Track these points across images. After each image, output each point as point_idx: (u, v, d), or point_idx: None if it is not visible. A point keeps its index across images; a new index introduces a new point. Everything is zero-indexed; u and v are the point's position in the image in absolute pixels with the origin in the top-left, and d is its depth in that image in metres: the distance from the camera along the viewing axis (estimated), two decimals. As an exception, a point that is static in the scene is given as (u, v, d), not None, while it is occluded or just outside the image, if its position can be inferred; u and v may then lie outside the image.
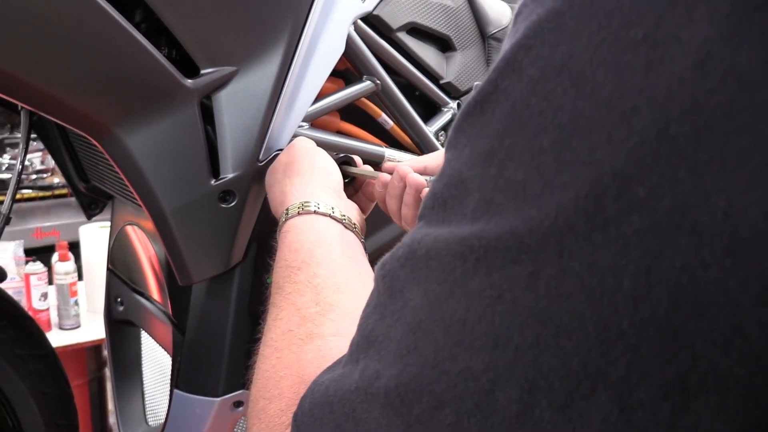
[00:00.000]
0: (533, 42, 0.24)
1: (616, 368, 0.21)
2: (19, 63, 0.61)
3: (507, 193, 0.24)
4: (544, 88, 0.23)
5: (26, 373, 0.93)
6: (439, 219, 0.27)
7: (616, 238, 0.21)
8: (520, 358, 0.23)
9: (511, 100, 0.24)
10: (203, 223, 0.74)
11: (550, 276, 0.22)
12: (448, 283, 0.25)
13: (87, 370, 1.91)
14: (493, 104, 0.25)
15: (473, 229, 0.25)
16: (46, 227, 2.83)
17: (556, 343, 0.22)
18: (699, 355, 0.20)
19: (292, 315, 0.50)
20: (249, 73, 0.73)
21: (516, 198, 0.24)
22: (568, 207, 0.22)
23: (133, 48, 0.65)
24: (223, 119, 0.72)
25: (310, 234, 0.59)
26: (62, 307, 1.83)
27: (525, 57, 0.24)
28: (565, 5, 0.23)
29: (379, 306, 0.29)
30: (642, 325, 0.21)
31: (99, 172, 0.98)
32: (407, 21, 0.95)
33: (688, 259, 0.20)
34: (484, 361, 0.23)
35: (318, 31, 0.78)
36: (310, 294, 0.51)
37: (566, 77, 0.23)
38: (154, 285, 0.96)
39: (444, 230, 0.26)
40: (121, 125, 0.68)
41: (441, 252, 0.26)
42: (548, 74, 0.23)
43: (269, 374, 0.45)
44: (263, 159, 0.75)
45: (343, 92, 0.86)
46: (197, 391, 0.85)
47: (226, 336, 0.82)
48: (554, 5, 0.24)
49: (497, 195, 0.24)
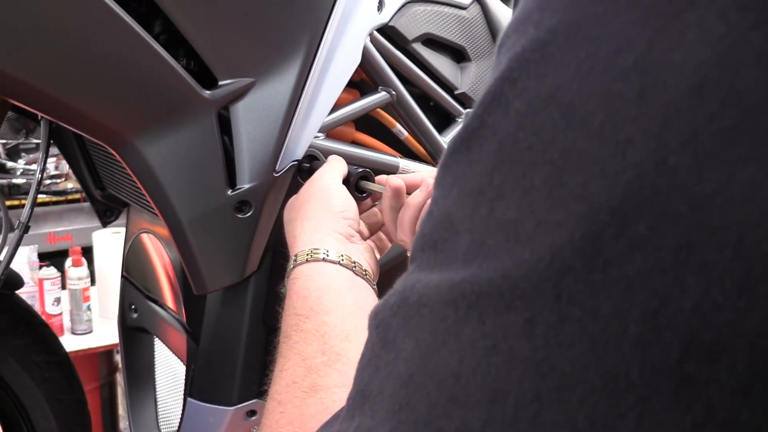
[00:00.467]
0: (518, 74, 0.23)
1: (626, 422, 0.19)
2: (40, 75, 0.62)
3: (498, 234, 0.23)
4: (532, 121, 0.22)
5: (42, 379, 0.93)
6: (431, 263, 0.25)
7: (618, 280, 0.20)
8: (521, 414, 0.21)
9: (499, 136, 0.23)
10: (219, 232, 0.75)
11: (549, 323, 0.21)
12: (440, 332, 0.24)
13: (98, 375, 1.92)
14: (480, 141, 0.24)
15: (465, 274, 0.23)
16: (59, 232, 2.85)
17: (558, 397, 0.20)
18: (716, 405, 0.18)
19: (298, 366, 0.50)
20: (266, 84, 0.73)
21: (508, 239, 0.22)
22: (563, 248, 0.21)
23: (153, 59, 0.66)
24: (241, 130, 0.73)
25: (319, 281, 0.58)
26: (75, 312, 1.84)
27: (510, 90, 0.23)
28: (550, 35, 0.22)
29: (374, 358, 0.27)
30: (652, 374, 0.19)
31: (115, 180, 0.99)
32: (423, 32, 0.96)
33: (697, 300, 0.18)
34: (481, 417, 0.22)
35: (335, 42, 0.79)
36: (317, 343, 0.50)
37: (555, 109, 0.21)
38: (168, 293, 0.96)
39: (435, 275, 0.25)
40: (139, 135, 0.68)
41: (432, 299, 0.24)
42: (536, 107, 0.22)
43: (272, 430, 0.45)
44: (279, 170, 0.75)
45: (359, 103, 0.87)
46: (211, 400, 0.85)
47: (241, 345, 0.82)
48: (538, 35, 0.23)
49: (488, 237, 0.23)
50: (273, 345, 0.84)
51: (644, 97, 0.20)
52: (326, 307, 0.54)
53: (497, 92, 0.23)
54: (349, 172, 0.73)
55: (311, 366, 0.48)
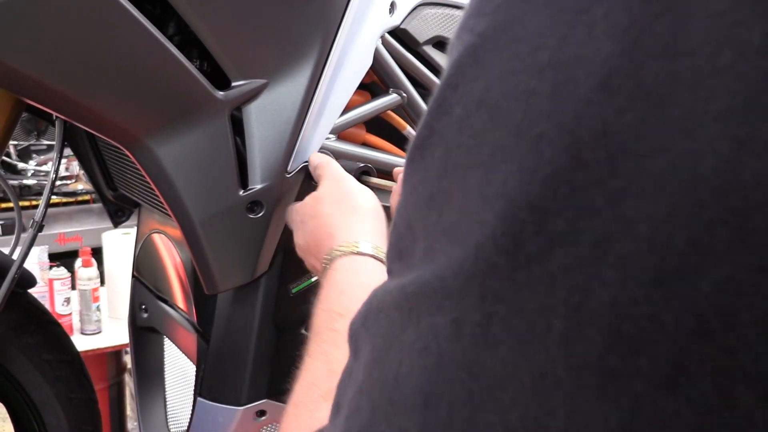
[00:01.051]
0: (457, 80, 0.23)
1: (555, 420, 0.19)
2: (57, 75, 0.62)
3: (443, 237, 0.22)
4: (469, 125, 0.22)
5: (53, 378, 0.94)
6: (398, 271, 0.25)
7: (540, 277, 0.19)
8: (455, 416, 0.21)
9: (445, 142, 0.23)
10: (231, 233, 0.75)
11: (475, 322, 0.20)
12: (389, 336, 0.23)
13: (107, 376, 1.93)
14: (431, 148, 0.24)
15: (412, 277, 0.23)
16: (69, 233, 2.87)
17: (491, 397, 0.20)
18: (642, 399, 0.18)
19: (321, 367, 0.49)
20: (279, 85, 0.74)
21: (450, 241, 0.22)
22: (486, 245, 0.20)
23: (167, 60, 0.66)
24: (253, 131, 0.73)
25: (362, 277, 0.56)
26: (84, 312, 1.85)
27: (452, 96, 0.23)
28: (480, 39, 0.23)
29: (347, 367, 0.27)
30: (578, 370, 0.19)
31: (127, 181, 0.99)
32: (434, 35, 0.96)
33: (616, 294, 0.18)
34: (416, 422, 0.21)
35: (347, 44, 0.79)
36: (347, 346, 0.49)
37: (485, 111, 0.22)
38: (179, 293, 0.97)
39: (395, 282, 0.25)
40: (153, 136, 0.69)
41: (387, 304, 0.24)
42: (470, 110, 0.22)
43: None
44: (291, 170, 0.76)
45: (370, 105, 0.87)
46: (220, 400, 0.85)
47: (251, 345, 0.83)
48: (471, 40, 0.23)
49: (436, 240, 0.23)
50: (283, 345, 0.84)
51: (557, 92, 0.20)
52: None
53: (442, 99, 0.24)
54: (350, 167, 0.73)
55: (333, 370, 0.47)
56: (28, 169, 2.96)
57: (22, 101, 0.83)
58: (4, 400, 0.99)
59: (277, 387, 0.85)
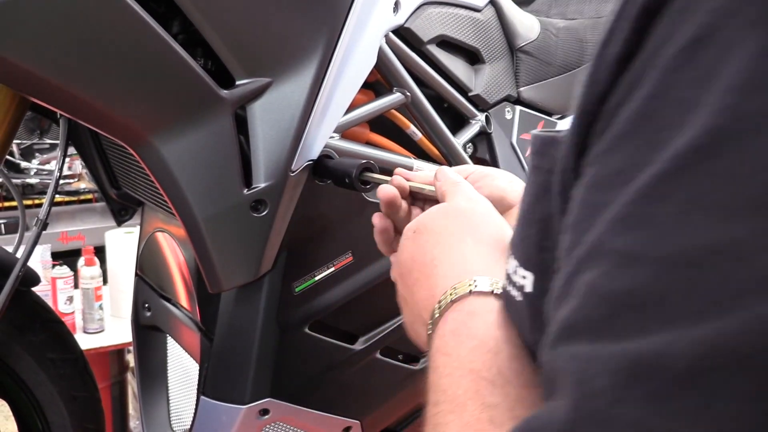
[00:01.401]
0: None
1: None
2: (62, 73, 0.62)
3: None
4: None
5: (57, 376, 0.94)
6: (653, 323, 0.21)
7: None
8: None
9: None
10: (235, 231, 0.75)
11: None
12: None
13: (109, 374, 1.93)
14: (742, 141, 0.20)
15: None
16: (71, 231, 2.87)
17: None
18: None
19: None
20: (283, 84, 0.74)
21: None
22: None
23: (172, 59, 0.66)
24: (257, 130, 0.73)
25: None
26: (87, 311, 1.85)
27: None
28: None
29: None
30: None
31: (131, 179, 0.99)
32: (437, 34, 0.96)
33: None
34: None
35: (351, 43, 0.79)
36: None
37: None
38: (182, 292, 0.97)
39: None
40: (157, 134, 0.69)
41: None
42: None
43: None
44: (295, 169, 0.76)
45: (374, 104, 0.87)
46: (224, 399, 0.85)
47: (254, 344, 0.83)
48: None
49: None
50: (286, 344, 0.84)
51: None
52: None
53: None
54: (351, 164, 0.72)
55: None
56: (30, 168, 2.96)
57: (26, 99, 0.83)
58: (8, 398, 0.99)
59: (280, 386, 0.85)
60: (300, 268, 0.83)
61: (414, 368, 0.99)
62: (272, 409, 0.85)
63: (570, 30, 1.21)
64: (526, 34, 1.12)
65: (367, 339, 0.92)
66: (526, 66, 1.13)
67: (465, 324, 0.42)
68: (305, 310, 0.85)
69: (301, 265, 0.84)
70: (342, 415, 0.93)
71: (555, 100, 1.16)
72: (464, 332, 0.41)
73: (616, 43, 0.25)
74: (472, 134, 1.02)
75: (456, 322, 0.43)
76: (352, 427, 0.94)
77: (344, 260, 0.86)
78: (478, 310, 0.42)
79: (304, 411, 0.88)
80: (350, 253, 0.87)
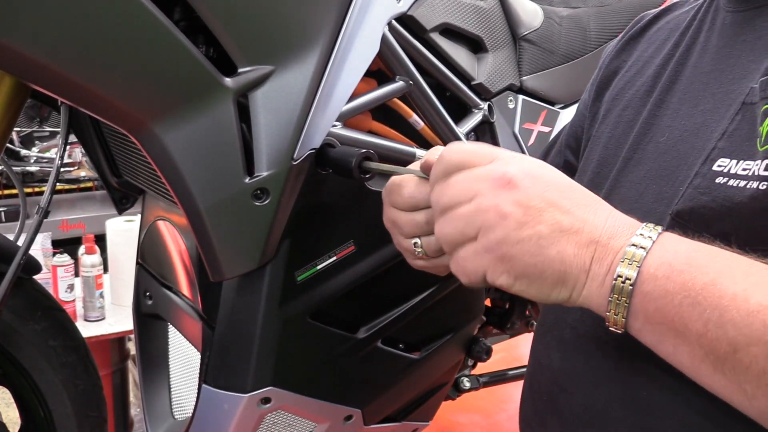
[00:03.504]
0: None
1: None
2: (62, 60, 0.62)
3: None
4: None
5: (59, 364, 0.94)
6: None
7: None
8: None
9: None
10: (237, 220, 0.75)
11: None
12: None
13: (110, 362, 1.94)
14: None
15: None
16: (72, 220, 2.87)
17: None
18: None
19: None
20: (286, 72, 0.73)
21: None
22: None
23: (174, 46, 0.66)
24: (259, 118, 0.73)
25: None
26: (88, 299, 1.86)
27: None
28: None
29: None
30: None
31: (132, 167, 0.99)
32: (440, 22, 0.95)
33: None
34: None
35: (354, 31, 0.79)
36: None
37: None
38: (184, 280, 0.97)
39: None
40: (159, 122, 0.68)
41: None
42: None
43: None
44: (297, 158, 0.75)
45: (376, 92, 0.87)
46: (225, 387, 0.85)
47: (256, 332, 0.83)
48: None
49: None
50: (288, 333, 0.84)
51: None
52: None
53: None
54: (350, 153, 0.72)
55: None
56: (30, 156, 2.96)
57: (26, 86, 0.82)
58: (10, 386, 0.99)
59: (282, 374, 0.85)
60: (302, 257, 0.83)
61: (415, 357, 0.99)
62: (274, 397, 0.85)
63: (573, 19, 1.20)
64: (529, 23, 1.12)
65: (369, 328, 0.92)
66: (529, 55, 1.12)
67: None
68: (307, 299, 0.85)
69: (303, 254, 0.83)
70: (343, 403, 0.93)
71: (558, 89, 1.16)
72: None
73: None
74: (475, 123, 1.01)
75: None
76: (353, 415, 0.94)
77: (346, 249, 0.86)
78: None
79: (306, 399, 0.88)
80: (352, 242, 0.86)
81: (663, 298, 0.47)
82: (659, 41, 0.73)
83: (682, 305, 0.46)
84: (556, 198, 0.51)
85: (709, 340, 0.45)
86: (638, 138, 0.67)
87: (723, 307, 0.45)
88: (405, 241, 0.64)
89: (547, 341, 0.69)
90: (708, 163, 0.56)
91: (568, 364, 0.64)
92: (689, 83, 0.65)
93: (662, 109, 0.66)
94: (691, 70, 0.65)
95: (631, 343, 0.51)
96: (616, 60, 0.78)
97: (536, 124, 1.13)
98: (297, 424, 0.91)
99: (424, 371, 1.02)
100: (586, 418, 0.62)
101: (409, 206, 0.62)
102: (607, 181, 0.69)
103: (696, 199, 0.55)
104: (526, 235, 0.50)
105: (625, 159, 0.67)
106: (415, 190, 0.62)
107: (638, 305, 0.48)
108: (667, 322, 0.47)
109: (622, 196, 0.65)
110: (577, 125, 0.82)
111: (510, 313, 1.30)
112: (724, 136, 0.56)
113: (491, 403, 1.86)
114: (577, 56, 1.19)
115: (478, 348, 1.10)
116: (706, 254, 0.48)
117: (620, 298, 0.48)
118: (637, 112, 0.69)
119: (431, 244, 0.62)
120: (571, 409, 0.63)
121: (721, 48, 0.63)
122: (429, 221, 0.61)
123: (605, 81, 0.78)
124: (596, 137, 0.75)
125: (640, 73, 0.73)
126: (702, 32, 0.67)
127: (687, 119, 0.62)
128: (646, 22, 0.78)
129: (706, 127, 0.59)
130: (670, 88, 0.67)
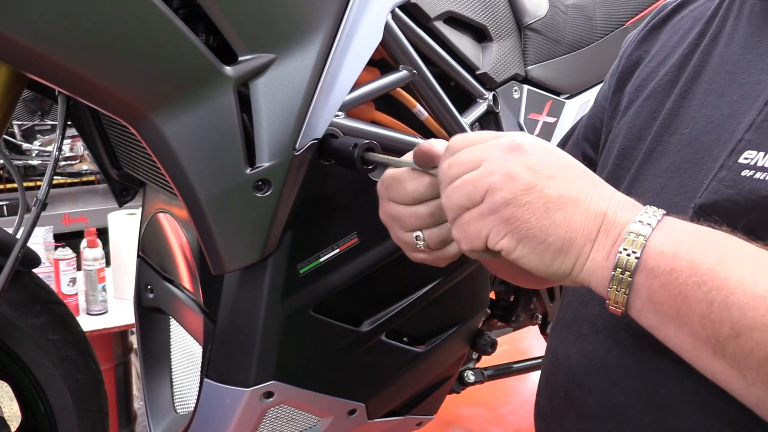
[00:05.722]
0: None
1: None
2: (60, 49, 0.61)
3: None
4: None
5: (59, 358, 0.93)
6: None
7: None
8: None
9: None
10: (238, 212, 0.73)
11: None
12: None
13: (113, 356, 1.93)
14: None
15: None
16: (74, 213, 2.87)
17: None
18: None
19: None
20: (287, 60, 0.72)
21: None
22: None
23: (173, 34, 0.64)
24: (260, 107, 0.72)
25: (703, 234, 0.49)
26: (90, 292, 1.85)
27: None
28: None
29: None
30: None
31: (132, 159, 0.98)
32: (445, 10, 0.94)
33: None
34: None
35: (357, 19, 0.77)
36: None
37: None
38: (185, 273, 0.96)
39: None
40: (158, 112, 0.67)
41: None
42: None
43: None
44: (300, 148, 0.74)
45: (379, 82, 0.85)
46: (227, 381, 0.84)
47: (258, 326, 0.82)
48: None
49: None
50: (291, 326, 0.83)
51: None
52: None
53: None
54: (353, 143, 0.70)
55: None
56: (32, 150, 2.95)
57: (23, 76, 0.81)
58: (10, 381, 0.98)
59: (285, 368, 0.84)
60: (305, 249, 0.82)
61: (420, 350, 0.98)
62: (276, 391, 0.84)
63: (579, 7, 1.19)
64: (534, 12, 1.10)
65: (373, 321, 0.91)
66: (534, 44, 1.10)
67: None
68: (310, 292, 0.84)
69: (306, 246, 0.82)
70: (347, 397, 0.92)
71: (563, 79, 1.14)
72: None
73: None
74: (479, 113, 1.00)
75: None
76: (357, 409, 0.94)
77: (350, 242, 0.85)
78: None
79: (309, 393, 0.87)
80: (356, 234, 0.85)
81: (668, 274, 0.46)
82: (683, 30, 0.71)
83: (687, 284, 0.45)
84: (563, 168, 0.52)
85: (712, 322, 0.44)
86: (661, 129, 0.65)
87: (729, 289, 0.44)
88: (405, 234, 0.63)
89: (565, 336, 0.68)
90: (734, 156, 0.54)
91: (586, 360, 0.63)
92: (715, 73, 0.63)
93: (687, 100, 0.64)
94: (718, 59, 0.63)
95: (650, 339, 0.50)
96: (638, 50, 0.76)
97: (541, 115, 1.11)
98: (300, 418, 0.90)
99: (428, 364, 1.01)
100: (603, 416, 0.60)
101: (412, 200, 0.61)
102: (629, 173, 0.67)
103: (720, 192, 0.54)
104: (534, 197, 0.50)
105: (647, 151, 0.66)
106: (418, 183, 0.61)
107: (641, 282, 0.48)
108: (670, 301, 0.46)
109: (644, 188, 0.63)
110: (596, 117, 0.79)
111: (515, 306, 1.29)
112: (751, 127, 0.54)
113: (496, 397, 1.85)
114: (583, 45, 1.17)
115: (482, 341, 1.09)
116: (714, 236, 0.48)
117: (623, 272, 0.48)
118: (661, 103, 0.67)
119: (433, 237, 0.61)
120: (588, 405, 0.62)
121: (749, 37, 0.61)
122: (432, 213, 0.60)
123: (627, 72, 0.76)
124: (617, 129, 0.73)
125: (663, 63, 0.71)
126: (729, 20, 0.65)
127: (712, 110, 0.60)
128: (669, 11, 0.76)
129: (733, 119, 0.57)
130: (695, 78, 0.65)
